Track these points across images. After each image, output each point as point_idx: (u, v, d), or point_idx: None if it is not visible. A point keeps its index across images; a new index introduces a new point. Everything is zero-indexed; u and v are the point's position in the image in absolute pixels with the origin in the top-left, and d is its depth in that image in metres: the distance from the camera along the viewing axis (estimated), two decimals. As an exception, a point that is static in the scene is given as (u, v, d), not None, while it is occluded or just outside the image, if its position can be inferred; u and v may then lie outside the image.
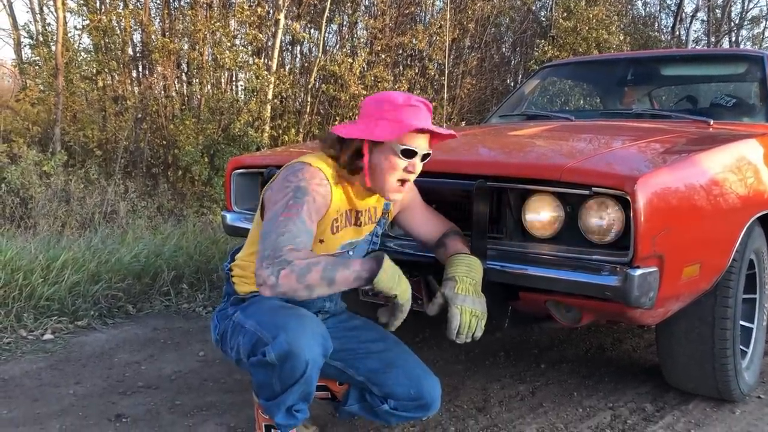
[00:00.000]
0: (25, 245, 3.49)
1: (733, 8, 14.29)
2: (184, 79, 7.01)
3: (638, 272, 1.55)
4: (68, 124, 6.19)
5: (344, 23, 8.04)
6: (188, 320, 3.16)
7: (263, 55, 7.14)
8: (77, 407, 2.12)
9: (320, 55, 7.28)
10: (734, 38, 14.39)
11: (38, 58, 6.50)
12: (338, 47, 7.97)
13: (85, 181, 5.32)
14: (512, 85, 9.70)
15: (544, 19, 9.85)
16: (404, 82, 7.55)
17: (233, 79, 7.45)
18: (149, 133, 6.44)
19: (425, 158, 1.59)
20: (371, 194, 1.64)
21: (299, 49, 8.01)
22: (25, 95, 6.54)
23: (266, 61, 6.89)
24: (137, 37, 6.93)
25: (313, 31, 7.61)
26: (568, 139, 2.34)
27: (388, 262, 1.46)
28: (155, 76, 6.58)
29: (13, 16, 9.24)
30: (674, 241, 1.66)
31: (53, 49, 6.01)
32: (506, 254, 1.76)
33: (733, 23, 14.43)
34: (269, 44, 7.14)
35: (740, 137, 2.32)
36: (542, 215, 1.74)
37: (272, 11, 7.14)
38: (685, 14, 13.48)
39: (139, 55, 6.95)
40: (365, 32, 8.00)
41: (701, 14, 14.32)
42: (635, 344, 2.86)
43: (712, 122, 2.66)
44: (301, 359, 1.44)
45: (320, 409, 2.01)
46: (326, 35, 7.70)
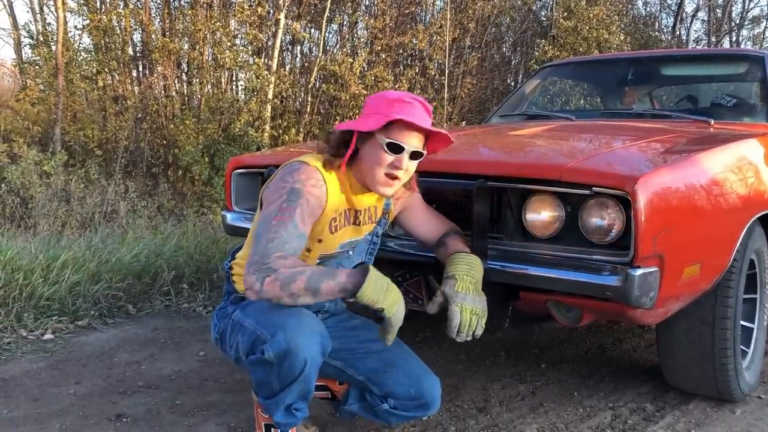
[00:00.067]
0: (25, 245, 3.49)
1: (733, 8, 14.31)
2: (184, 78, 7.02)
3: (639, 272, 1.55)
4: (68, 123, 6.19)
5: (344, 23, 8.05)
6: (188, 320, 3.16)
7: (263, 54, 7.14)
8: (77, 407, 2.12)
9: (320, 54, 7.28)
10: (735, 38, 14.40)
11: (38, 57, 6.51)
12: (338, 47, 7.97)
13: (85, 180, 5.32)
14: (513, 84, 9.70)
15: (544, 18, 9.85)
16: (404, 81, 7.55)
17: (233, 78, 7.46)
18: (149, 132, 6.44)
19: (416, 157, 1.57)
20: (369, 192, 1.64)
21: (299, 48, 8.02)
22: (25, 95, 6.55)
23: (266, 60, 6.89)
24: (137, 36, 6.95)
25: (313, 30, 7.61)
26: (568, 138, 2.34)
27: (373, 274, 1.44)
28: (155, 75, 6.58)
29: (13, 15, 9.24)
30: (675, 241, 1.66)
31: (53, 48, 6.01)
32: (507, 254, 1.76)
33: (733, 23, 14.44)
34: (269, 44, 7.14)
35: (741, 137, 2.31)
36: (543, 215, 1.73)
37: (272, 11, 7.14)
38: (685, 14, 13.50)
39: (139, 54, 6.95)
40: (365, 32, 8.00)
41: (702, 14, 14.36)
42: (636, 344, 2.86)
43: (712, 122, 2.66)
44: (299, 357, 1.44)
45: (320, 408, 2.01)
46: (326, 35, 7.72)
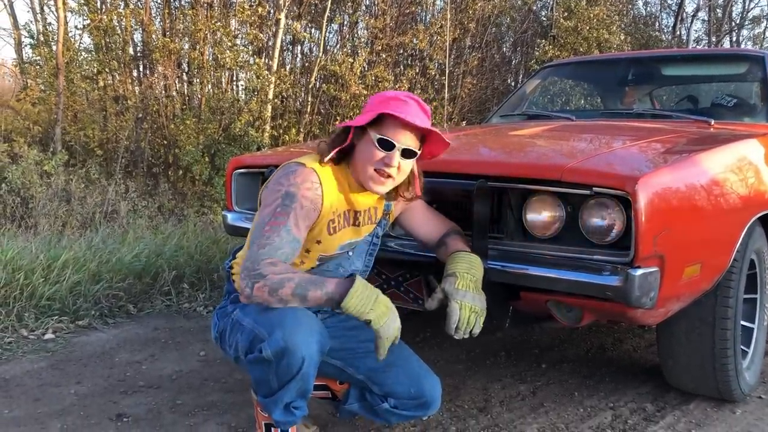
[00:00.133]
0: (26, 245, 3.49)
1: (734, 8, 14.30)
2: (184, 78, 7.01)
3: (639, 272, 1.55)
4: (69, 123, 6.19)
5: (345, 23, 8.04)
6: (189, 320, 3.16)
7: (264, 54, 7.14)
8: (78, 407, 2.12)
9: (321, 54, 7.28)
10: (735, 38, 14.39)
11: (39, 57, 6.50)
12: (339, 47, 7.97)
13: (85, 180, 5.32)
14: (513, 84, 9.69)
15: (544, 18, 9.85)
16: (405, 81, 7.54)
17: (234, 78, 7.46)
18: (150, 132, 6.43)
19: (409, 155, 1.57)
20: (368, 192, 1.64)
21: (300, 48, 8.02)
22: (26, 95, 6.55)
23: (267, 60, 6.89)
24: (138, 36, 6.94)
25: (313, 30, 7.61)
26: (568, 139, 2.34)
27: (359, 285, 1.44)
28: (156, 75, 6.58)
29: (13, 15, 9.28)
30: (675, 241, 1.66)
31: (54, 48, 6.01)
32: (507, 254, 1.76)
33: (734, 23, 14.42)
34: (270, 44, 7.14)
35: (741, 137, 2.32)
36: (543, 215, 1.74)
37: (273, 11, 7.14)
38: (686, 14, 13.50)
39: (139, 54, 6.94)
40: (366, 32, 8.00)
41: (702, 14, 14.35)
42: (636, 344, 2.86)
43: (713, 122, 2.66)
44: (297, 355, 1.44)
45: (321, 408, 2.01)
46: (327, 35, 7.71)
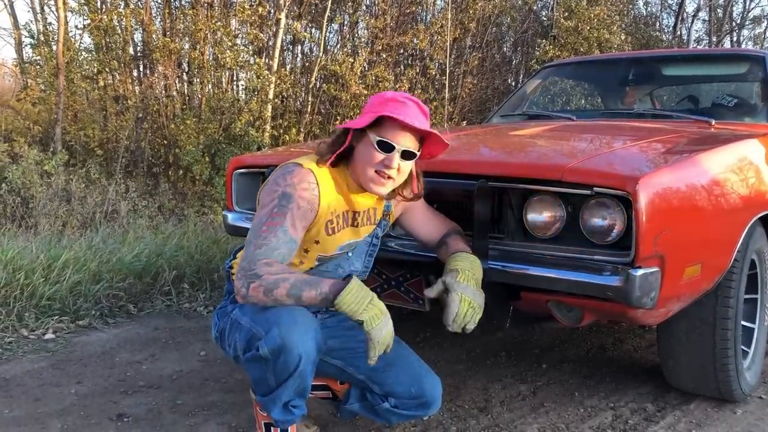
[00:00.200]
0: (26, 245, 3.49)
1: (734, 8, 14.30)
2: (185, 78, 7.01)
3: (640, 272, 1.55)
4: (69, 123, 6.19)
5: (345, 23, 8.04)
6: (189, 320, 3.16)
7: (264, 54, 7.14)
8: (78, 407, 2.12)
9: (321, 54, 7.28)
10: (736, 38, 14.38)
11: (39, 57, 6.50)
12: (339, 47, 7.97)
13: (86, 180, 5.32)
14: (513, 84, 9.69)
15: (545, 18, 9.85)
16: (405, 81, 7.53)
17: (234, 78, 7.45)
18: (150, 132, 6.43)
19: (408, 157, 1.57)
20: (367, 192, 1.64)
21: (300, 48, 8.01)
22: (26, 95, 6.55)
23: (267, 60, 6.89)
24: (138, 36, 6.94)
25: (314, 30, 7.61)
26: (569, 139, 2.34)
27: (354, 285, 1.45)
28: (156, 75, 6.57)
29: (14, 15, 9.29)
30: (676, 241, 1.66)
31: (54, 48, 6.01)
32: (508, 254, 1.76)
33: (734, 23, 14.41)
34: (270, 44, 7.13)
35: (742, 137, 2.31)
36: (544, 215, 1.74)
37: (273, 11, 7.14)
38: (686, 14, 13.49)
39: (140, 54, 6.94)
40: (366, 32, 8.00)
41: (703, 14, 14.34)
42: (636, 344, 2.86)
43: (713, 122, 2.66)
44: (293, 353, 1.44)
45: (321, 408, 2.01)
46: (327, 35, 7.71)
